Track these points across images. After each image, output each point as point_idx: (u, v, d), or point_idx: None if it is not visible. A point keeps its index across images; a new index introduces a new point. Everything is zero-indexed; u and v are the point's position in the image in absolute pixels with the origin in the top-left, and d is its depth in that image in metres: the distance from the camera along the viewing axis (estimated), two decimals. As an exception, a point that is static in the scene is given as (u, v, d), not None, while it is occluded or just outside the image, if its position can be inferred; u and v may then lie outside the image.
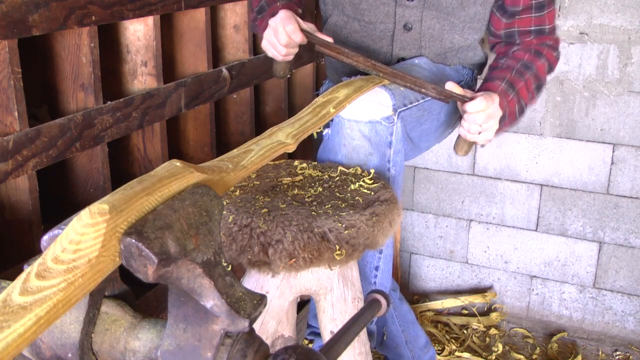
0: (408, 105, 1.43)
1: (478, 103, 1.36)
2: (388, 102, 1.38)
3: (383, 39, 1.62)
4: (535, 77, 1.55)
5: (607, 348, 2.16)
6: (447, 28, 1.61)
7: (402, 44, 1.62)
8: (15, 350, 0.51)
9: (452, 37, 1.62)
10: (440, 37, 1.61)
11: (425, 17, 1.59)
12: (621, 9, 1.95)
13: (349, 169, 1.31)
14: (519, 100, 1.51)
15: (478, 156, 2.24)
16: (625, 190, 2.08)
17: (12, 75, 1.10)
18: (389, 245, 1.51)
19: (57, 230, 0.62)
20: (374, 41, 1.63)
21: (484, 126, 1.39)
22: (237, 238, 1.05)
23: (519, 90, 1.52)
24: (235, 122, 1.84)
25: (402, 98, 1.41)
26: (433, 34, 1.61)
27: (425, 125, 1.53)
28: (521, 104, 1.52)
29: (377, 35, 1.62)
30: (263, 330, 1.16)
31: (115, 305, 0.71)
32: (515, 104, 1.50)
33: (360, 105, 1.36)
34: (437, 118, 1.56)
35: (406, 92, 1.43)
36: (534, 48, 1.58)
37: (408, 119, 1.44)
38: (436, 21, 1.59)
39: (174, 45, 1.64)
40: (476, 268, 2.35)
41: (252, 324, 0.64)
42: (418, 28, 1.60)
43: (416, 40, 1.61)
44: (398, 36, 1.61)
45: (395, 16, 1.59)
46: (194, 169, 0.73)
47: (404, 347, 1.78)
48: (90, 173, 1.35)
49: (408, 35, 1.61)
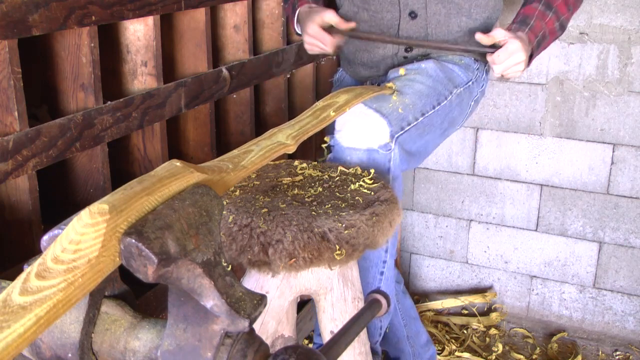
0: (406, 128, 1.41)
1: (501, 55, 1.45)
2: (385, 129, 1.37)
3: (390, 27, 1.62)
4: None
5: (607, 348, 2.16)
6: (453, 12, 1.59)
7: (408, 32, 1.61)
8: (15, 350, 0.51)
9: (459, 20, 1.60)
10: (447, 22, 1.60)
11: (430, 3, 1.58)
12: (621, 9, 1.95)
13: (349, 169, 1.31)
14: (558, 17, 1.56)
15: (478, 156, 2.24)
16: (625, 190, 2.08)
17: (12, 75, 1.10)
18: (392, 255, 1.51)
19: (57, 230, 0.62)
20: (381, 30, 1.63)
21: (512, 68, 1.47)
22: (237, 238, 1.05)
23: (557, 7, 1.55)
24: (235, 122, 1.84)
25: (400, 121, 1.40)
26: (439, 19, 1.60)
27: (428, 136, 1.52)
28: (561, 20, 1.58)
29: (384, 24, 1.62)
30: (263, 330, 1.16)
31: (115, 305, 0.71)
32: (554, 22, 1.55)
33: (358, 133, 1.36)
34: (439, 127, 1.55)
35: (405, 113, 1.42)
36: None
37: (407, 139, 1.42)
38: (441, 6, 1.59)
39: (174, 45, 1.63)
40: (476, 268, 2.35)
41: (252, 324, 0.64)
42: (424, 15, 1.59)
43: (422, 28, 1.61)
44: (404, 24, 1.61)
45: (400, 4, 1.59)
46: (194, 169, 0.73)
47: (405, 342, 1.78)
48: (90, 173, 1.35)
49: (414, 23, 1.60)
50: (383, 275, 1.48)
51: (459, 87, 1.59)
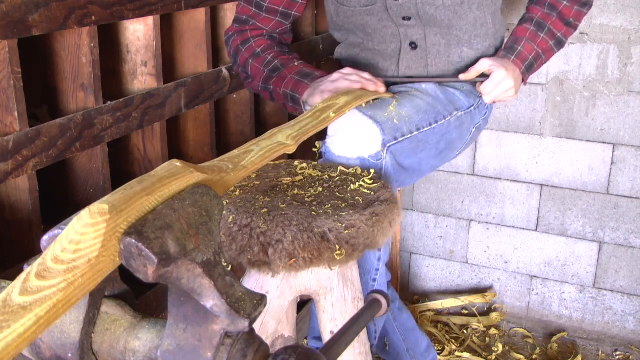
0: (399, 139, 1.38)
1: (488, 86, 1.53)
2: (377, 137, 1.33)
3: (392, 57, 1.63)
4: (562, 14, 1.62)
5: (607, 348, 2.16)
6: (453, 43, 1.59)
7: (408, 63, 1.62)
8: (15, 350, 0.51)
9: (460, 51, 1.60)
10: (447, 53, 1.60)
11: (429, 34, 1.58)
12: (621, 9, 1.95)
13: (349, 169, 1.31)
14: (554, 35, 1.61)
15: (478, 156, 2.24)
16: (625, 190, 2.08)
17: (12, 75, 1.10)
18: (384, 260, 1.49)
19: (57, 230, 0.62)
20: (384, 59, 1.64)
21: (501, 95, 1.56)
22: (237, 238, 1.05)
23: (552, 25, 1.59)
24: (235, 122, 1.84)
25: (394, 131, 1.37)
26: (439, 50, 1.60)
27: (422, 154, 1.49)
28: (557, 37, 1.61)
29: (387, 54, 1.63)
30: (263, 330, 1.16)
31: (115, 305, 0.71)
32: (547, 42, 1.60)
33: (350, 141, 1.33)
34: (435, 147, 1.52)
35: (400, 125, 1.39)
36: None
37: (400, 151, 1.39)
38: (440, 37, 1.58)
39: (174, 45, 1.63)
40: (476, 268, 2.35)
41: (252, 324, 0.64)
42: (423, 46, 1.60)
43: (422, 59, 1.61)
44: (404, 55, 1.61)
45: (400, 35, 1.59)
46: (194, 169, 0.73)
47: (405, 354, 1.79)
48: (90, 173, 1.35)
49: (414, 54, 1.60)
50: (376, 282, 1.48)
51: (460, 111, 1.57)
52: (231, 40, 1.64)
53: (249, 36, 1.62)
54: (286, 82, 1.53)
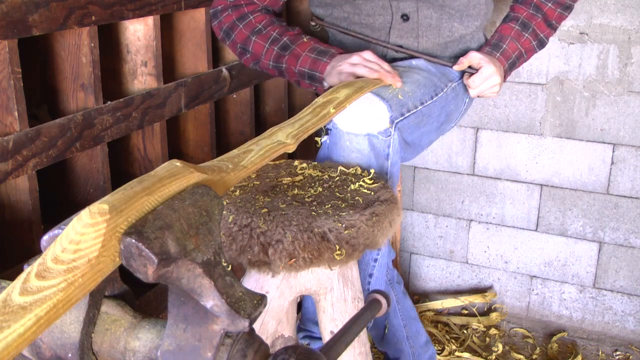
0: (405, 115, 1.40)
1: (476, 79, 1.55)
2: (385, 114, 1.34)
3: (382, 29, 1.62)
4: (547, 14, 1.66)
5: (607, 348, 2.16)
6: (445, 17, 1.61)
7: (399, 33, 1.62)
8: (15, 350, 0.51)
9: (451, 25, 1.62)
10: (439, 26, 1.61)
11: (421, 7, 1.59)
12: (621, 9, 1.95)
13: (349, 169, 1.31)
14: (537, 35, 1.65)
15: (478, 156, 2.24)
16: (625, 190, 2.08)
17: (12, 75, 1.10)
18: (383, 255, 1.50)
19: (57, 230, 0.62)
20: (372, 31, 1.63)
21: (487, 90, 1.58)
22: (237, 238, 1.05)
23: (536, 26, 1.63)
24: (235, 122, 1.84)
25: (400, 107, 1.39)
26: (431, 22, 1.61)
27: (425, 128, 1.52)
28: (540, 38, 1.66)
29: (376, 26, 1.63)
30: (263, 330, 1.16)
31: (115, 305, 0.71)
32: (530, 41, 1.64)
33: (358, 118, 1.34)
34: (436, 120, 1.56)
35: (405, 100, 1.41)
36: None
37: (406, 126, 1.42)
38: (432, 11, 1.60)
39: (174, 45, 1.64)
40: (476, 268, 2.35)
41: (252, 324, 0.64)
42: (415, 18, 1.60)
43: (413, 30, 1.61)
44: (396, 25, 1.61)
45: (392, 8, 1.60)
46: (194, 169, 0.73)
47: (405, 342, 1.78)
48: (90, 173, 1.35)
49: (405, 25, 1.61)
50: (372, 277, 1.48)
51: (453, 82, 1.61)
52: (223, 15, 1.57)
53: (245, 11, 1.57)
54: (301, 60, 1.51)
